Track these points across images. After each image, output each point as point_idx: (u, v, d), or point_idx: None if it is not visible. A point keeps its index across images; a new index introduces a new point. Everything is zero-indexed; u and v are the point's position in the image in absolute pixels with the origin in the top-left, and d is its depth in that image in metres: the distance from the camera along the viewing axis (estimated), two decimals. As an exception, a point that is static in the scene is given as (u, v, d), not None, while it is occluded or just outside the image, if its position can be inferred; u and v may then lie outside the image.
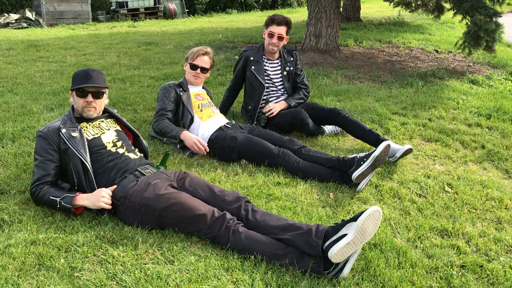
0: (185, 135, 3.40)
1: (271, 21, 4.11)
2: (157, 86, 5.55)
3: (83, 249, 2.28)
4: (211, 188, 2.65)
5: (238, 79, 4.35)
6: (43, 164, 2.63)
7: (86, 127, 2.80)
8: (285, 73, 4.24)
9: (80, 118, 2.84)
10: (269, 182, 3.15)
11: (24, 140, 3.63)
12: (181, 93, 3.68)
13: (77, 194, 2.55)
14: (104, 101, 2.92)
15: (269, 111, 4.05)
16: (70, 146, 2.62)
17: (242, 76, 4.31)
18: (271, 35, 4.11)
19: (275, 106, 4.07)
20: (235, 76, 4.36)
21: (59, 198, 2.53)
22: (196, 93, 3.80)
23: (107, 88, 2.88)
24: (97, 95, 2.82)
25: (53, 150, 2.65)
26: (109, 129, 2.88)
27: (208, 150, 3.40)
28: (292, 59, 4.30)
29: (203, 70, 3.77)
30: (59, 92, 5.16)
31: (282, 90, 4.27)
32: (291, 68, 4.27)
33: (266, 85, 4.20)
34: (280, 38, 4.10)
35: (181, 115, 3.63)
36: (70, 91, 2.85)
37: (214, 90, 5.43)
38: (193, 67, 3.74)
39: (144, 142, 3.10)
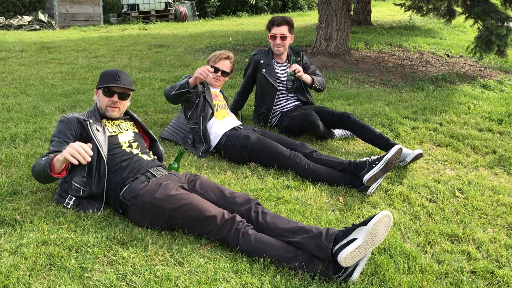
0: (193, 76, 3.36)
1: (271, 24, 4.15)
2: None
3: (93, 249, 2.30)
4: (222, 190, 2.67)
5: (248, 83, 4.37)
6: (58, 143, 2.64)
7: (105, 125, 2.85)
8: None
9: (102, 116, 2.89)
10: (278, 185, 3.15)
11: (36, 141, 3.67)
12: (204, 89, 3.72)
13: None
14: (127, 103, 2.99)
15: (295, 71, 3.94)
16: (93, 137, 2.67)
17: (253, 79, 4.33)
18: (273, 37, 4.14)
19: (300, 69, 3.98)
20: (245, 80, 4.37)
21: (45, 158, 2.46)
22: (215, 94, 3.84)
23: (133, 90, 2.95)
24: (123, 96, 2.89)
25: (71, 135, 2.68)
26: (127, 130, 2.93)
27: (211, 70, 3.37)
28: (299, 59, 4.31)
29: (224, 73, 3.83)
30: (71, 94, 5.21)
31: (292, 92, 4.27)
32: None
33: (278, 87, 4.21)
34: (283, 37, 4.12)
35: (203, 108, 3.65)
36: (95, 89, 2.90)
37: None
38: (215, 69, 3.79)
39: (161, 147, 3.15)
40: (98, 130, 2.73)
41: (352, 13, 10.86)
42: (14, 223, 2.53)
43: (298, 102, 4.28)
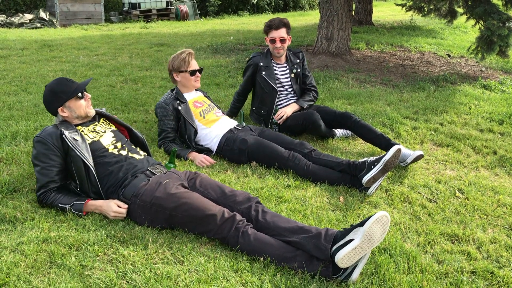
0: (193, 155, 3.50)
1: (269, 28, 4.14)
2: (168, 87, 5.58)
3: (94, 247, 2.30)
4: (222, 188, 2.67)
5: (248, 85, 4.35)
6: (45, 170, 2.62)
7: (83, 131, 2.78)
8: (292, 75, 4.27)
9: (76, 125, 2.81)
10: (279, 184, 3.15)
11: (37, 139, 3.66)
12: (179, 107, 3.62)
13: (86, 200, 2.61)
14: None
15: (280, 118, 4.06)
16: (74, 149, 2.62)
17: (252, 81, 4.31)
18: (273, 41, 4.14)
19: (286, 110, 4.09)
20: (244, 82, 4.35)
21: (68, 206, 2.59)
22: (194, 101, 3.76)
23: (91, 79, 2.93)
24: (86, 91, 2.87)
25: (54, 155, 2.63)
26: (105, 132, 2.87)
27: (214, 162, 3.49)
28: (298, 60, 4.32)
29: (200, 71, 3.77)
30: (72, 92, 5.20)
31: (292, 93, 4.28)
32: (299, 70, 4.29)
33: (278, 89, 4.21)
34: (282, 40, 4.12)
35: (184, 129, 3.62)
36: (60, 108, 2.75)
37: (225, 92, 5.45)
38: (193, 73, 3.70)
39: (139, 134, 3.13)
40: (76, 140, 2.66)
41: (353, 12, 10.86)
42: (15, 221, 2.53)
43: (294, 99, 4.29)
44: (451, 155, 3.90)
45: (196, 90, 3.87)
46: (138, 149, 2.96)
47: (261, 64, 4.21)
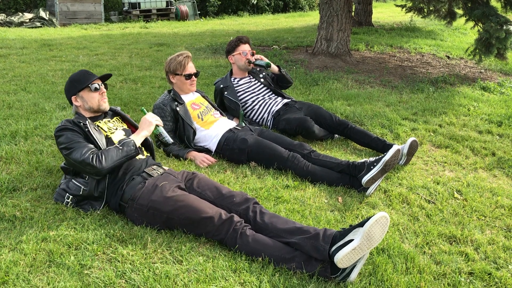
0: (192, 155, 3.52)
1: (239, 41, 4.37)
2: (168, 87, 5.59)
3: (93, 247, 2.31)
4: (219, 189, 2.66)
5: (223, 108, 4.40)
6: (79, 143, 2.57)
7: (98, 125, 2.83)
8: (262, 79, 4.45)
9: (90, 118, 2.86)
10: (278, 184, 3.16)
11: (37, 138, 3.67)
12: (177, 108, 3.60)
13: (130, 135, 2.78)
14: None
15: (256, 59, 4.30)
16: (93, 138, 2.66)
17: (224, 104, 4.39)
18: (245, 53, 4.33)
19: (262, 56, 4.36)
20: (219, 107, 4.36)
21: (119, 144, 2.70)
22: (192, 102, 3.75)
23: (111, 75, 2.95)
24: (105, 85, 2.90)
25: (80, 136, 2.63)
26: (116, 129, 2.91)
27: (215, 161, 3.51)
28: (258, 69, 4.53)
29: (196, 75, 3.76)
30: (71, 91, 5.21)
31: (269, 93, 4.41)
32: (264, 73, 4.50)
33: (254, 97, 4.33)
34: (252, 53, 4.36)
35: (183, 130, 3.62)
36: (73, 96, 2.81)
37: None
38: (188, 76, 3.68)
39: (149, 138, 3.12)
40: (96, 130, 2.72)
41: (353, 14, 10.87)
42: (14, 220, 2.54)
43: (279, 99, 4.36)
44: (450, 156, 3.91)
45: (196, 92, 3.88)
46: (143, 148, 2.98)
47: (222, 86, 4.36)
